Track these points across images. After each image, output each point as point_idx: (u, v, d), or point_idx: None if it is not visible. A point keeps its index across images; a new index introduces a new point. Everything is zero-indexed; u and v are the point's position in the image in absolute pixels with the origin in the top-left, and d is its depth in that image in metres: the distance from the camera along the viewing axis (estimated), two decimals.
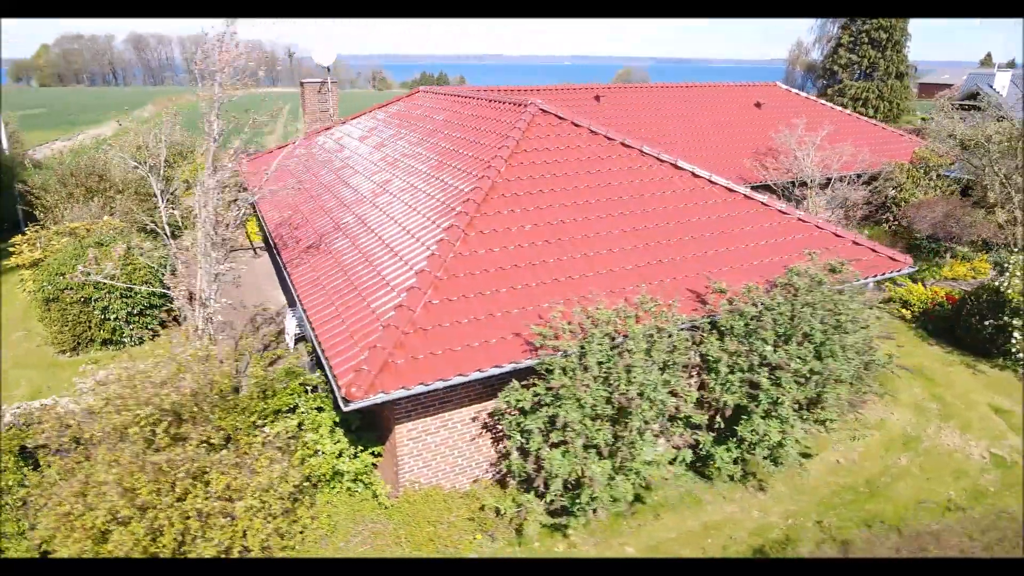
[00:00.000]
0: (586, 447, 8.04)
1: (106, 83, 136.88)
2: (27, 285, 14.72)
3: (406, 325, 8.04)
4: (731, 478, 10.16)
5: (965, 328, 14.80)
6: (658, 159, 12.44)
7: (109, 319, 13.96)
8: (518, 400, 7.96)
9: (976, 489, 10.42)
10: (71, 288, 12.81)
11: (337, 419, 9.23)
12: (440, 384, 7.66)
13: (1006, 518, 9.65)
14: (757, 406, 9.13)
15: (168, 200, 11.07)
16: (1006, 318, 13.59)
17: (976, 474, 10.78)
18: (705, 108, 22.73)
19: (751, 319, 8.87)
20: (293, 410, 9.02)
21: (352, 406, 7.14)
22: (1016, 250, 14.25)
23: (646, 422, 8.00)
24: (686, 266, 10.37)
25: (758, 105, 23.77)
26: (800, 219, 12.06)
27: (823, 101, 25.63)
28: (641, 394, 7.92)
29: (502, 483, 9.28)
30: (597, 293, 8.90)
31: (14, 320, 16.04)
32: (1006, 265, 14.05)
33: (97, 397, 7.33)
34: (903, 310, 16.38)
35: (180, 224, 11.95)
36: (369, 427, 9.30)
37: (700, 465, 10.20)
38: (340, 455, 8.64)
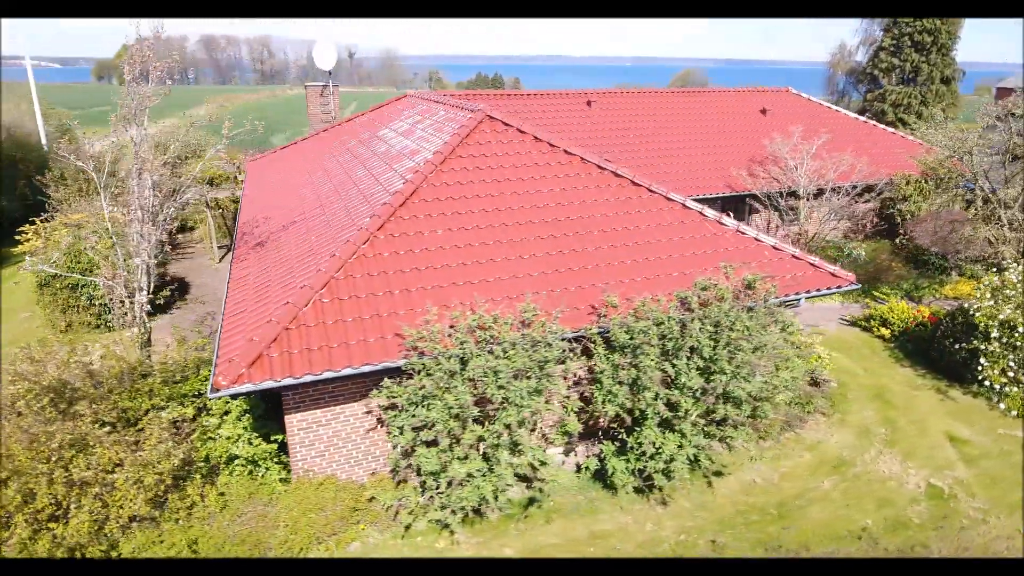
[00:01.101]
0: (452, 446, 8.25)
1: (180, 83, 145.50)
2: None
3: (289, 321, 8.48)
4: (636, 490, 10.11)
5: (939, 351, 14.04)
6: (599, 167, 12.43)
7: (95, 304, 15.12)
8: (390, 397, 8.26)
9: (898, 520, 9.95)
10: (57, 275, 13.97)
11: (247, 407, 9.80)
12: (310, 378, 8.05)
13: (918, 553, 9.22)
14: (645, 419, 9.07)
15: (114, 195, 11.90)
16: (975, 342, 12.82)
17: (903, 504, 10.29)
18: (705, 115, 22.27)
19: (637, 332, 8.82)
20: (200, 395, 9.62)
21: (217, 394, 7.63)
22: (994, 270, 13.36)
23: (507, 426, 8.12)
24: (599, 274, 10.37)
25: (763, 112, 23.08)
26: (738, 231, 11.80)
27: (838, 108, 24.60)
28: (506, 399, 8.06)
29: (405, 478, 9.58)
30: (482, 299, 9.08)
31: (23, 303, 17.58)
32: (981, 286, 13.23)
33: (4, 374, 8.15)
34: (882, 329, 15.65)
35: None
36: (276, 416, 9.81)
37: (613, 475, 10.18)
38: (237, 440, 9.17)
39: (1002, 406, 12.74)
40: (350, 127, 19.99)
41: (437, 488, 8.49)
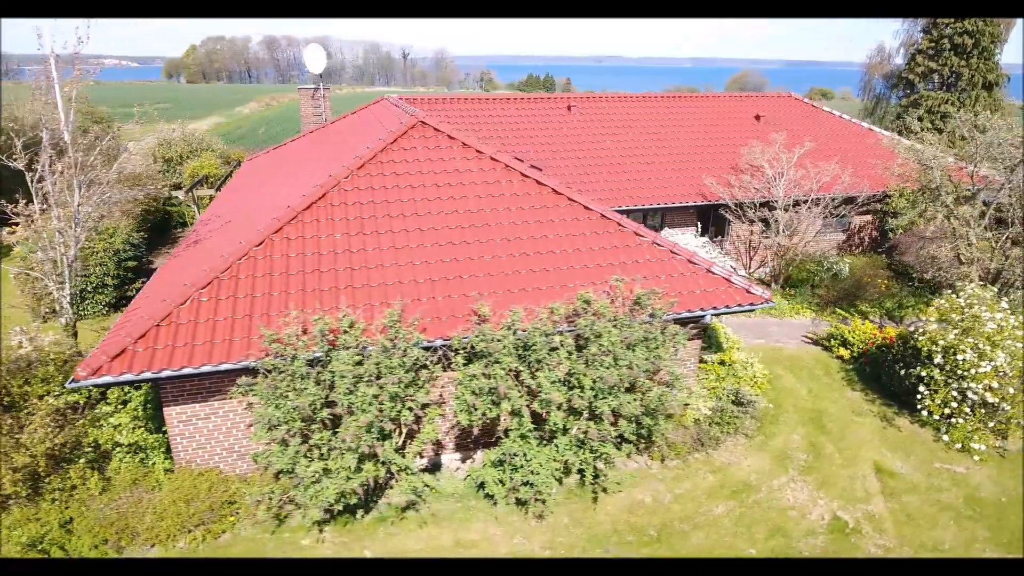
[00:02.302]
0: (302, 447, 8.44)
1: (241, 81, 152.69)
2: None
3: (161, 318, 8.88)
4: (519, 502, 10.01)
5: (890, 375, 13.23)
6: (522, 174, 12.37)
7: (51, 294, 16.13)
8: (244, 396, 8.53)
9: (785, 553, 9.50)
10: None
11: (148, 396, 10.31)
12: (169, 373, 8.41)
13: None
14: (507, 432, 9.00)
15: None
16: (917, 369, 12.03)
17: (798, 536, 9.80)
18: (693, 121, 21.66)
19: (492, 342, 8.74)
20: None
21: (75, 384, 8.09)
22: (948, 292, 12.43)
23: (363, 429, 8.23)
24: (491, 282, 10.34)
25: (758, 118, 22.25)
26: (655, 243, 11.49)
27: (844, 115, 23.42)
28: (352, 404, 8.19)
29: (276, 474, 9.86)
30: (349, 304, 9.23)
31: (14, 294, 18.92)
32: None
33: None
34: (841, 349, 14.87)
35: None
36: None
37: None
38: (121, 428, 9.67)
39: (946, 438, 11.90)
40: (332, 129, 20.50)
41: (295, 486, 8.70)
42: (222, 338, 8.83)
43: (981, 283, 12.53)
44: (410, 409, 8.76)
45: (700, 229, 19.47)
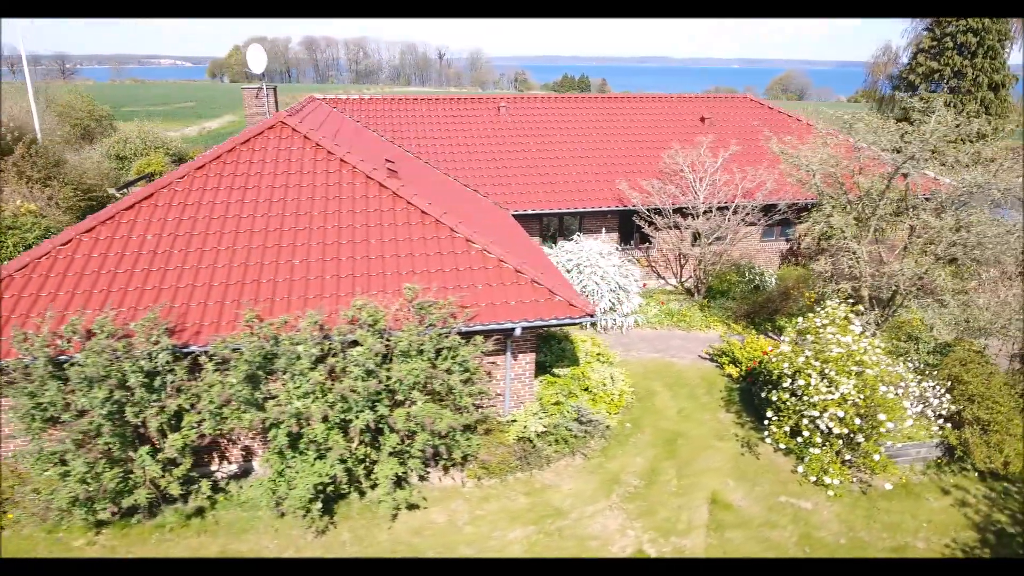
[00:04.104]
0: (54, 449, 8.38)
1: (281, 81, 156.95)
2: None
3: None
4: (326, 512, 9.70)
5: (759, 398, 12.32)
6: (367, 176, 12.07)
7: None
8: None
9: None
10: None
11: None
12: None
13: None
14: (266, 443, 8.71)
15: None
16: (767, 392, 11.14)
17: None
18: (630, 124, 20.82)
19: (232, 350, 8.46)
20: None
21: None
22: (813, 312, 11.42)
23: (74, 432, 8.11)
24: (291, 287, 10.06)
25: (703, 120, 21.24)
26: (483, 250, 10.99)
27: (799, 117, 22.10)
28: (84, 407, 8.07)
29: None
30: (147, 305, 9.17)
31: None
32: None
33: None
34: (730, 367, 13.96)
35: None
36: None
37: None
38: None
39: (800, 469, 10.97)
40: None
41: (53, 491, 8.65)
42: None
43: (851, 301, 11.50)
44: (161, 413, 8.56)
45: (620, 236, 18.69)
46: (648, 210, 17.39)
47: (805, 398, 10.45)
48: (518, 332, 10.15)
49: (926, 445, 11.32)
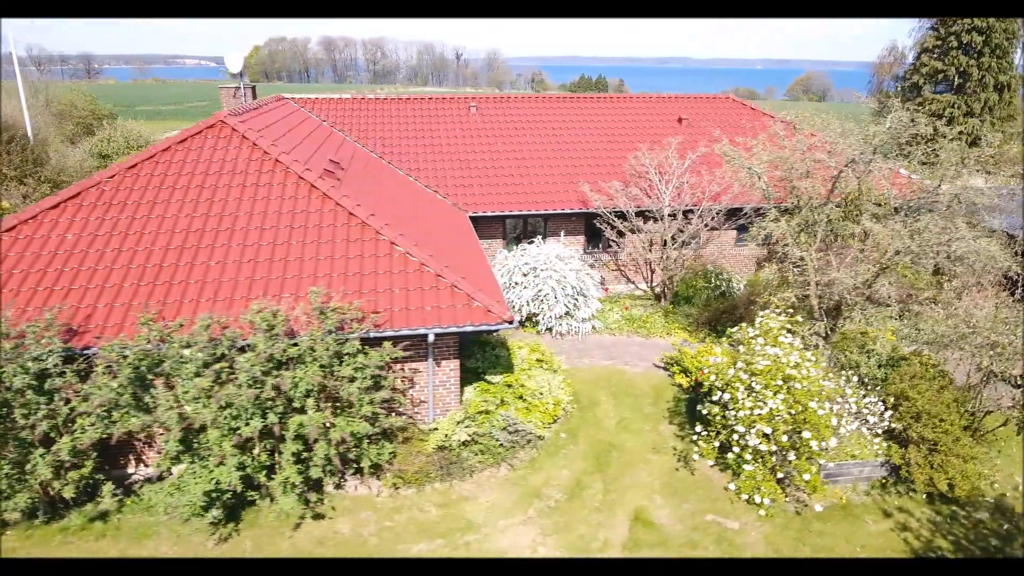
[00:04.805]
0: None
1: (300, 81, 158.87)
2: None
3: None
4: (231, 519, 9.55)
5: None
6: (300, 176, 11.90)
7: None
8: None
9: None
10: None
11: None
12: None
13: None
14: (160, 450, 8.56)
15: None
16: (700, 405, 10.69)
17: None
18: (603, 124, 20.39)
19: (120, 354, 8.30)
20: None
21: None
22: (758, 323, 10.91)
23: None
24: (199, 289, 9.91)
25: (680, 121, 20.72)
26: (406, 253, 10.73)
27: (781, 118, 21.42)
28: None
29: None
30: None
31: None
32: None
33: None
34: (680, 376, 13.50)
35: None
36: None
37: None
38: None
39: (732, 487, 10.50)
40: None
41: None
42: None
43: (792, 312, 10.99)
44: (51, 416, 8.45)
45: (586, 239, 18.28)
46: (611, 213, 16.95)
47: (732, 412, 9.99)
48: (431, 338, 9.87)
49: (870, 464, 10.77)
